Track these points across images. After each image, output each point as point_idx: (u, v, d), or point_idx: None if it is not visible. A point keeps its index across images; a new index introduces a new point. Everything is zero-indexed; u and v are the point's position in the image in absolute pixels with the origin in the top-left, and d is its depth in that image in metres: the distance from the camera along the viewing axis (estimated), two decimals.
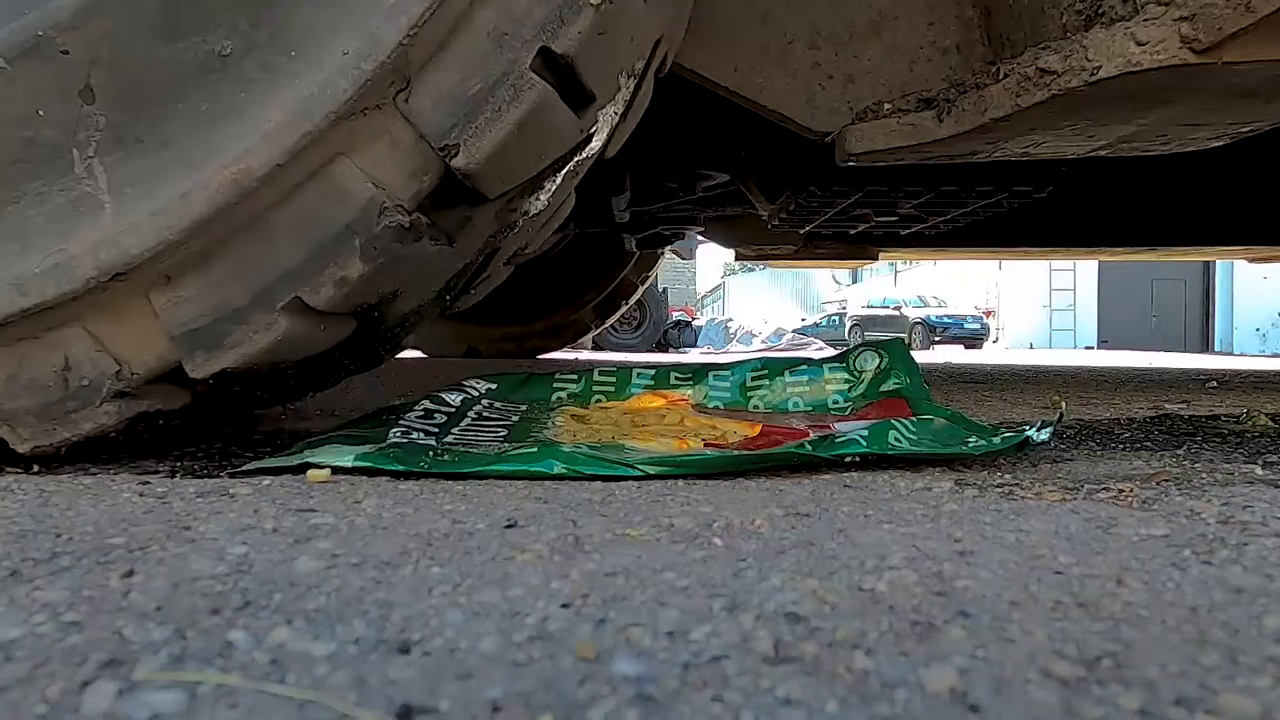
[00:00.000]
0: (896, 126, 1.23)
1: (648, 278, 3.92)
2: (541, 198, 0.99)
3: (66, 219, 0.77)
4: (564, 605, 0.46)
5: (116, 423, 0.84)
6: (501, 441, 1.05)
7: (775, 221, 2.14)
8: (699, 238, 3.38)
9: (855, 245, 2.85)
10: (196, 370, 0.83)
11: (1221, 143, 1.26)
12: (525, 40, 0.80)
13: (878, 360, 1.31)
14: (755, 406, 1.31)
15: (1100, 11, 1.00)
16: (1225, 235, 2.67)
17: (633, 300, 3.97)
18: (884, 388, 1.26)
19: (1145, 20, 0.96)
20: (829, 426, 1.11)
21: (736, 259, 3.28)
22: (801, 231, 2.34)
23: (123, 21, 0.74)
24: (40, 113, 0.75)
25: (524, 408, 1.27)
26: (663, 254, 3.87)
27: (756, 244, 2.98)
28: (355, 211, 0.80)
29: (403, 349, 1.10)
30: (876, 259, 3.08)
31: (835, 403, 1.28)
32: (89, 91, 0.75)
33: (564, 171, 0.97)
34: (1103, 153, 1.33)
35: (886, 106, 1.25)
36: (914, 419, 1.00)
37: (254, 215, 0.79)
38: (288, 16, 0.76)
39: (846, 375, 1.31)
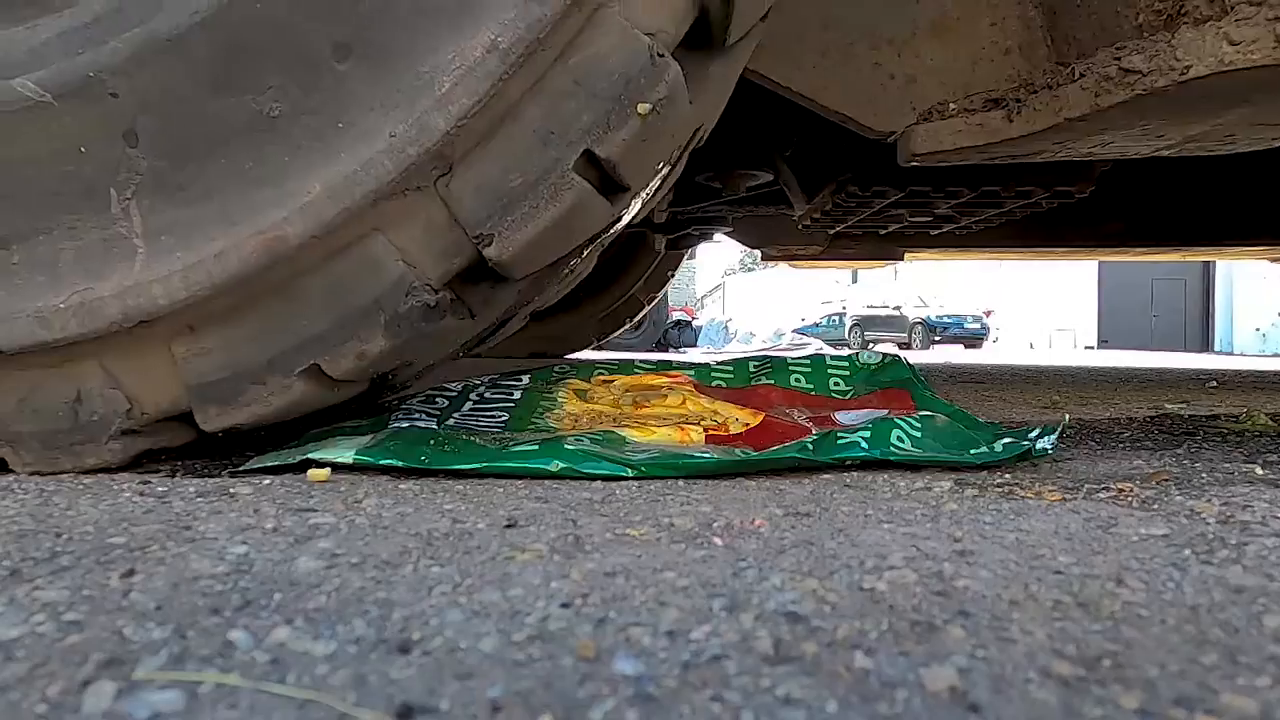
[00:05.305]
0: (963, 126, 1.23)
1: (654, 296, 3.87)
2: (566, 271, 0.99)
3: (97, 257, 0.77)
4: (564, 605, 0.46)
5: (120, 460, 0.84)
6: (502, 428, 1.05)
7: (808, 222, 2.13)
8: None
9: (882, 244, 2.81)
10: (208, 423, 0.83)
11: None
12: (570, 142, 0.79)
13: (880, 358, 1.34)
14: (757, 381, 1.32)
15: (1183, 11, 1.00)
16: (1245, 233, 2.62)
17: (644, 312, 3.90)
18: (886, 377, 1.28)
19: (1238, 20, 0.96)
20: (830, 418, 1.11)
21: (764, 259, 3.27)
22: (831, 231, 2.33)
23: (174, 71, 0.74)
24: (82, 150, 0.75)
25: (525, 382, 1.27)
26: (672, 273, 3.81)
27: (783, 244, 2.97)
28: (384, 287, 0.80)
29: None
30: (903, 258, 3.05)
31: (836, 385, 1.29)
32: (133, 135, 0.75)
33: (591, 247, 0.97)
34: (1165, 153, 1.32)
35: (952, 106, 1.25)
36: (916, 415, 1.00)
37: (284, 280, 0.79)
38: (339, 88, 0.75)
39: (849, 366, 1.33)
